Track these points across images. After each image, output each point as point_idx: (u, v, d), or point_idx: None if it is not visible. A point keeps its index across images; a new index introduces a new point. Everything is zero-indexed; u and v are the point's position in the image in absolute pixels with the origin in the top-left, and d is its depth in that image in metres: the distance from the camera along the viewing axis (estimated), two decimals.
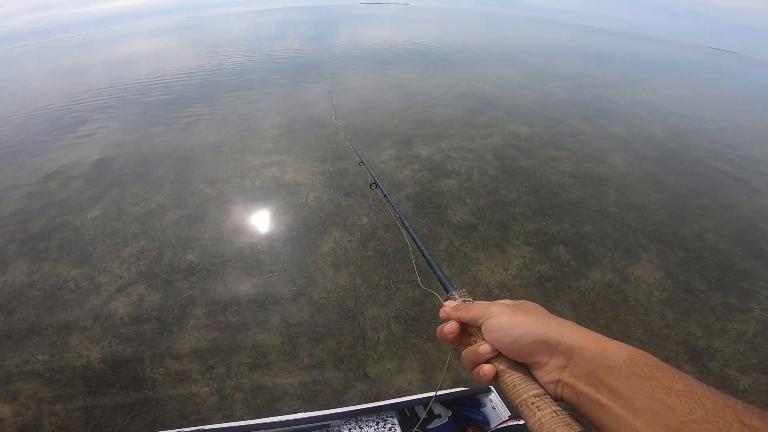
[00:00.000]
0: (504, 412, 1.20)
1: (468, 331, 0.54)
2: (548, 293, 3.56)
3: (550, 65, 18.09)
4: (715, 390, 0.35)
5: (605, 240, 4.31)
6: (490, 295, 3.47)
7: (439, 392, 1.27)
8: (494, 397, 1.27)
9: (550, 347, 0.43)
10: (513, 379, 0.45)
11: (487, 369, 0.48)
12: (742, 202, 5.64)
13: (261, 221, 4.60)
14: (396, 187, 5.09)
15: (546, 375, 0.43)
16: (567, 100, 10.61)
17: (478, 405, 1.30)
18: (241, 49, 21.58)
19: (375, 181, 1.47)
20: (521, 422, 0.80)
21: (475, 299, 0.60)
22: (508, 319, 0.47)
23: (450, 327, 0.55)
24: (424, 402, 1.23)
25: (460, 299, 0.60)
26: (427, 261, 0.76)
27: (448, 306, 0.59)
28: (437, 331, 0.57)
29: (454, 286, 0.64)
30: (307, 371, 2.80)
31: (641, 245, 4.30)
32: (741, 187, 6.13)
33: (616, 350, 0.40)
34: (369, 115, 8.19)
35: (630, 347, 0.40)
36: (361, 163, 1.93)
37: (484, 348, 0.49)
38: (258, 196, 5.06)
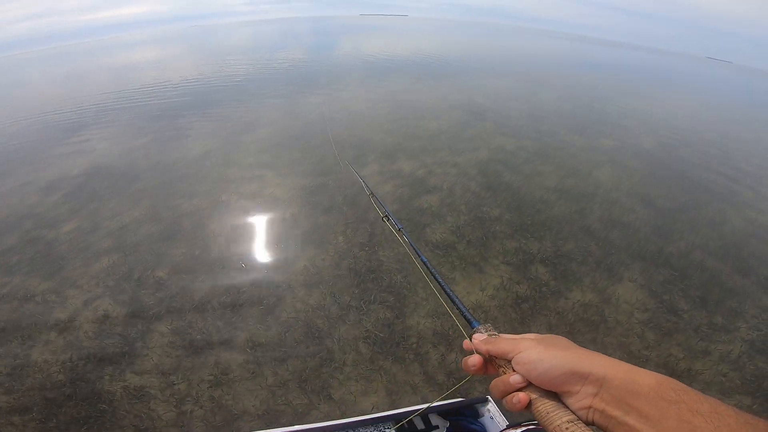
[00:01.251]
0: (501, 422, 1.21)
1: (496, 362, 0.58)
2: (524, 315, 3.49)
3: (544, 75, 18.26)
4: (739, 410, 0.37)
5: (587, 259, 4.24)
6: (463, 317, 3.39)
7: (437, 403, 1.27)
8: (492, 407, 1.27)
9: (581, 377, 0.46)
10: (546, 406, 0.48)
11: (521, 396, 0.51)
12: (732, 216, 5.58)
13: (235, 238, 4.55)
14: (377, 204, 5.02)
15: (578, 402, 0.46)
16: (558, 111, 10.65)
17: (476, 415, 1.31)
18: (240, 60, 21.86)
19: (387, 213, 1.42)
20: (519, 431, 0.82)
21: (491, 331, 0.64)
22: (538, 353, 0.51)
23: (474, 360, 0.59)
24: (422, 413, 1.25)
25: (486, 333, 0.63)
26: (450, 297, 0.78)
27: (476, 339, 0.62)
28: (462, 363, 0.60)
29: (479, 321, 0.67)
30: (269, 391, 2.77)
31: (624, 264, 4.23)
32: (731, 201, 6.08)
33: (644, 378, 0.43)
34: (355, 128, 8.20)
35: (658, 375, 0.43)
36: (372, 195, 1.86)
37: (515, 378, 0.52)
38: (235, 212, 5.02)
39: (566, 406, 0.48)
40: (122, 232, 4.72)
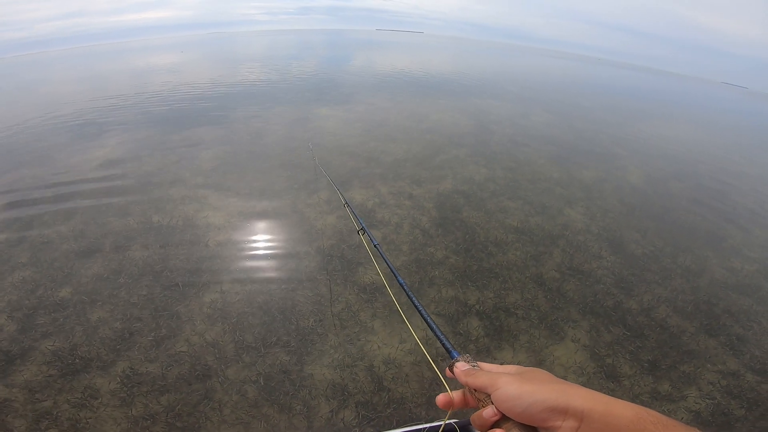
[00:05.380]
0: None
1: (476, 396, 0.59)
2: (438, 375, 3.20)
3: (542, 97, 18.14)
4: None
5: (530, 313, 3.99)
6: (370, 371, 3.23)
7: (430, 424, 1.30)
8: None
9: (561, 412, 0.47)
10: None
11: None
12: (713, 266, 5.28)
13: (149, 262, 4.46)
14: (312, 238, 4.85)
15: None
16: (544, 136, 10.42)
17: None
18: (241, 71, 22.16)
19: (363, 228, 1.45)
20: None
21: (471, 362, 0.64)
22: (516, 390, 0.52)
23: (442, 399, 0.60)
24: None
25: (467, 364, 0.63)
26: (428, 324, 0.79)
27: (458, 370, 0.63)
28: (436, 400, 0.61)
29: (459, 351, 0.67)
30: (133, 421, 2.76)
31: (571, 320, 3.97)
32: (716, 247, 5.77)
33: (622, 411, 0.45)
34: (318, 149, 8.02)
35: (636, 407, 0.45)
36: (347, 205, 1.93)
37: (487, 413, 0.54)
38: (160, 235, 4.95)
39: None
40: (44, 247, 4.73)
